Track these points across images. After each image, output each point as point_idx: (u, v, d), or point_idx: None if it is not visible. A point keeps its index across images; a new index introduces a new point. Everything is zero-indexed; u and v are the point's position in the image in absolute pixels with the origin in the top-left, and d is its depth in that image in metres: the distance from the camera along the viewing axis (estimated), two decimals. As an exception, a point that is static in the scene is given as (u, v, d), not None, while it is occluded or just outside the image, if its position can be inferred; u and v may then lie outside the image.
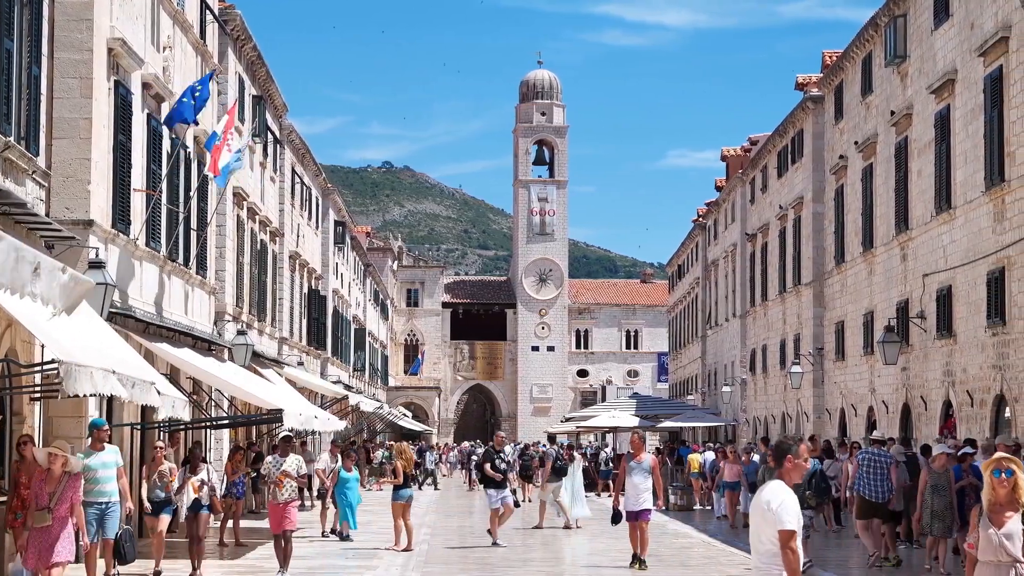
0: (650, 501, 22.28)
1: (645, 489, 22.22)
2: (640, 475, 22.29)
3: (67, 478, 15.14)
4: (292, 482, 20.76)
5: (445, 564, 23.69)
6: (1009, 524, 10.86)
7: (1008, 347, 26.42)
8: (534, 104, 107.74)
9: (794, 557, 8.93)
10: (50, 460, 15.13)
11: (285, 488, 20.71)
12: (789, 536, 8.94)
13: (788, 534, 8.93)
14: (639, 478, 22.26)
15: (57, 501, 14.97)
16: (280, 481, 20.74)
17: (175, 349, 24.70)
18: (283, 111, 43.81)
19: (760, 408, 53.89)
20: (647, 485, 22.26)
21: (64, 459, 15.15)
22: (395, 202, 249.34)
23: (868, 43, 37.28)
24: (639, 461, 22.48)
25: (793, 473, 9.20)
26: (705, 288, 70.79)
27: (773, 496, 9.10)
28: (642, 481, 22.24)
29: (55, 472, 15.09)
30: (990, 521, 10.95)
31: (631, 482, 22.32)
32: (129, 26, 23.17)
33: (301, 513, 23.81)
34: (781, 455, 9.29)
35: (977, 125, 28.36)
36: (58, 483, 15.07)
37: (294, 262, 46.33)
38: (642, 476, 22.28)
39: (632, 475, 22.34)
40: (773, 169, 51.37)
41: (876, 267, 36.65)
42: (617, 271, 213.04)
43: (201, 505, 20.33)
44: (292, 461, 21.06)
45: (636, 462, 22.47)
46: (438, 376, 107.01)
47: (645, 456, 22.80)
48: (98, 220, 21.36)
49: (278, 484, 20.79)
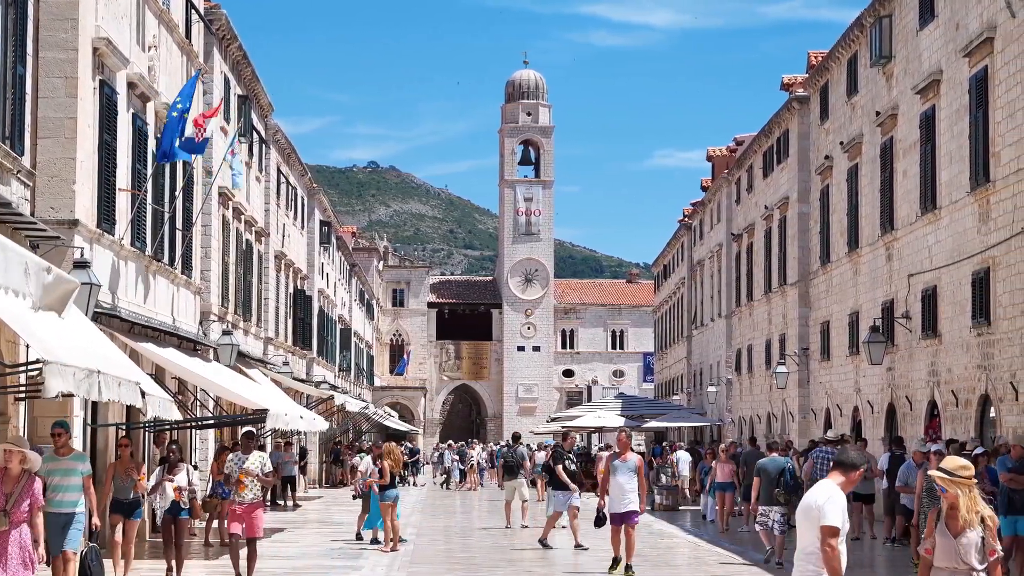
0: (636, 503, 21.41)
1: (631, 490, 21.33)
2: (625, 475, 21.37)
3: (26, 477, 13.60)
4: (256, 482, 19.55)
5: (431, 564, 23.69)
6: (968, 532, 10.61)
7: (993, 347, 26.47)
8: (520, 104, 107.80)
9: (833, 554, 8.83)
10: (6, 457, 13.62)
11: (248, 489, 19.45)
12: (830, 532, 8.86)
13: (829, 529, 8.85)
14: (624, 478, 21.36)
15: (14, 503, 13.40)
16: (241, 481, 19.46)
17: (160, 349, 24.67)
18: (269, 111, 43.77)
19: (746, 408, 53.93)
20: (633, 486, 21.35)
21: (22, 455, 13.66)
22: (381, 202, 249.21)
23: (853, 43, 37.33)
24: (624, 460, 21.54)
25: (848, 485, 9.16)
26: (691, 288, 70.84)
27: (821, 494, 9.04)
28: (627, 481, 21.34)
29: (12, 471, 13.57)
30: (947, 527, 10.72)
31: (616, 482, 21.41)
32: (114, 25, 23.14)
33: (285, 514, 23.75)
34: (850, 468, 9.24)
35: (962, 126, 28.40)
36: (16, 482, 13.54)
37: (280, 262, 46.30)
38: (627, 476, 21.37)
39: (617, 475, 21.41)
40: (759, 169, 51.41)
41: (861, 267, 36.70)
42: (603, 271, 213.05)
43: (181, 509, 19.65)
44: (255, 459, 19.71)
45: (621, 461, 21.52)
46: (424, 376, 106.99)
47: (631, 455, 21.82)
48: (83, 220, 21.33)
49: (239, 485, 19.51)
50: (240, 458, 19.64)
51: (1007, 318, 25.68)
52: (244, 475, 19.42)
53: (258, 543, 19.90)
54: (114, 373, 13.86)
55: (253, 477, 19.48)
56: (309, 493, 49.52)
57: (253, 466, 19.45)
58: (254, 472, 19.47)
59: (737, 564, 23.76)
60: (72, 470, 16.30)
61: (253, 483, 19.46)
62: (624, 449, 21.86)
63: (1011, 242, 25.41)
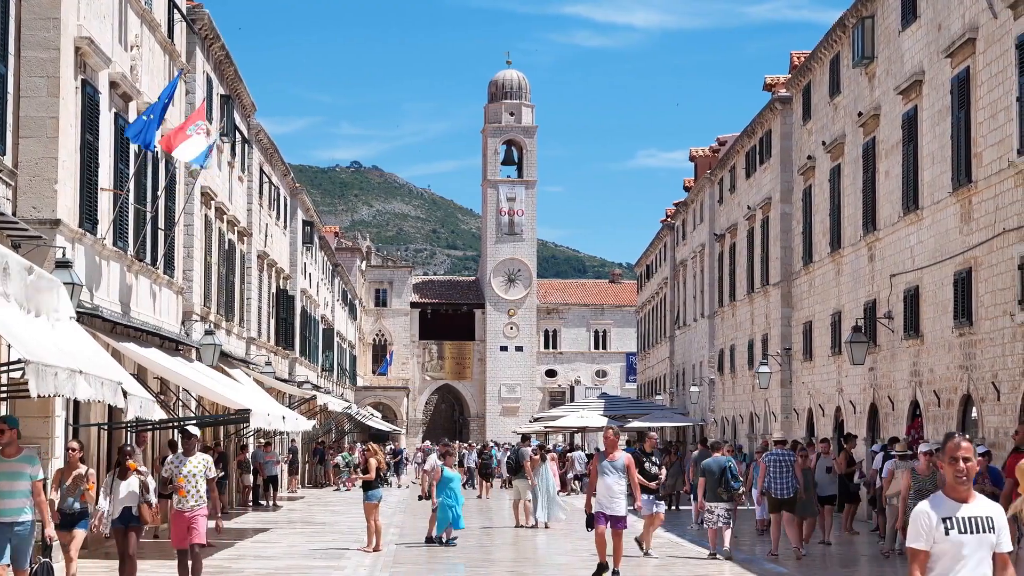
0: (624, 506, 20.16)
1: (620, 492, 20.09)
2: (614, 476, 20.11)
3: None
4: (201, 486, 17.72)
5: (413, 564, 23.66)
6: None
7: (975, 347, 26.52)
8: (503, 104, 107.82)
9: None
10: None
11: (189, 494, 17.67)
12: (909, 554, 8.09)
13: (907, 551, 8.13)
14: (612, 479, 20.09)
15: None
16: (181, 485, 17.69)
17: (142, 349, 24.62)
18: (251, 111, 43.70)
19: (728, 408, 53.99)
20: (622, 487, 20.13)
21: None
22: (363, 202, 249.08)
23: (836, 44, 37.38)
24: (612, 460, 20.26)
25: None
26: (673, 288, 70.89)
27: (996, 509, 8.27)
28: (616, 482, 20.08)
29: None
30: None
31: (604, 483, 20.12)
32: (96, 25, 23.08)
33: (268, 514, 23.66)
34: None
35: (944, 126, 28.46)
36: None
37: (262, 262, 46.23)
38: (616, 477, 20.09)
39: (605, 476, 20.15)
40: (741, 169, 51.48)
41: (844, 267, 36.75)
42: (586, 271, 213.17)
43: (132, 517, 17.48)
44: (198, 462, 17.92)
45: (609, 461, 20.25)
46: (406, 376, 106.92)
47: (619, 454, 20.52)
48: (65, 219, 21.28)
49: (177, 490, 17.74)
50: (180, 460, 17.94)
51: (989, 318, 25.73)
52: (182, 480, 17.71)
53: (239, 545, 19.70)
54: (96, 373, 13.82)
55: (196, 481, 17.70)
56: (297, 492, 49.48)
57: (196, 469, 17.74)
58: (199, 476, 17.74)
59: (719, 562, 23.77)
60: (18, 473, 14.45)
61: (196, 487, 17.70)
62: (612, 448, 20.55)
63: (993, 242, 25.46)
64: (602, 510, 20.05)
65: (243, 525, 32.57)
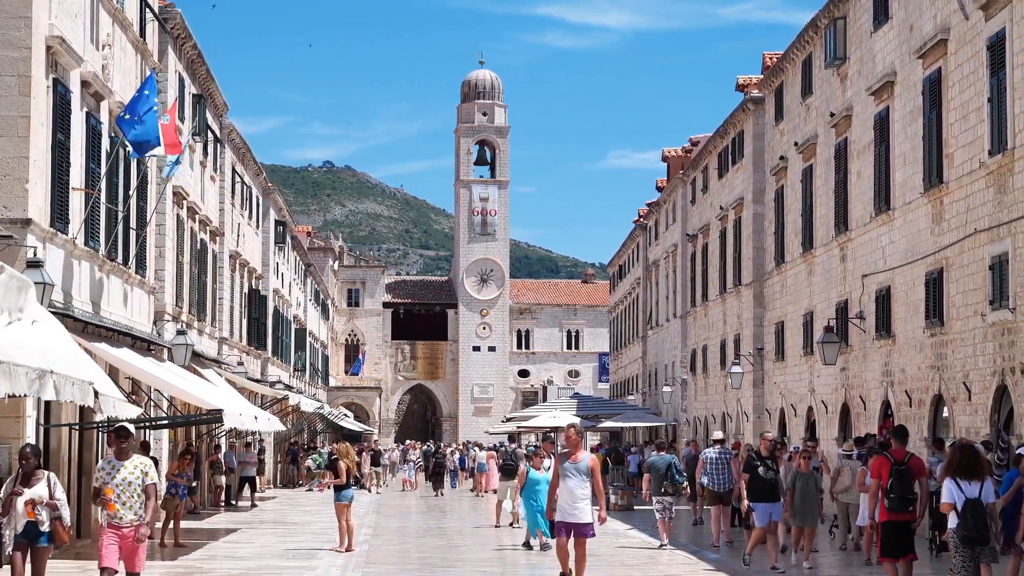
0: (589, 512, 18.17)
1: (583, 497, 18.10)
2: (576, 479, 18.12)
3: None
4: (137, 497, 14.53)
5: (385, 564, 23.64)
6: None
7: (946, 347, 26.62)
8: (476, 104, 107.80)
9: None
10: None
11: (126, 505, 14.50)
12: None
13: None
14: (575, 483, 18.09)
15: None
16: (109, 498, 14.44)
17: (114, 349, 24.53)
18: (224, 110, 43.59)
19: (700, 408, 54.08)
20: (585, 491, 18.13)
21: None
22: (336, 202, 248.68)
23: (808, 45, 37.48)
24: (575, 461, 18.19)
25: None
26: (646, 288, 70.96)
27: None
28: (579, 486, 18.09)
29: None
30: None
31: (566, 487, 18.11)
32: (68, 24, 23.00)
33: (240, 515, 23.54)
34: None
35: (916, 127, 28.56)
36: None
37: (234, 262, 46.12)
38: (579, 480, 18.11)
39: (567, 479, 18.13)
40: (714, 170, 51.56)
41: (816, 268, 36.85)
42: (558, 271, 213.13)
43: (40, 532, 14.58)
44: (134, 467, 14.62)
45: (572, 462, 18.20)
46: (379, 376, 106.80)
47: (583, 455, 18.35)
48: (36, 219, 21.20)
49: (106, 503, 14.50)
50: (114, 466, 14.65)
51: (960, 319, 25.83)
52: (110, 492, 14.53)
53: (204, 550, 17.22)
54: (67, 373, 13.77)
55: (132, 491, 14.58)
56: (266, 493, 49.37)
57: (131, 476, 14.51)
58: (136, 486, 14.58)
59: (689, 564, 23.81)
60: None
61: (132, 498, 14.49)
62: (575, 448, 18.40)
63: (964, 243, 25.57)
64: (564, 518, 18.16)
65: (215, 525, 32.50)
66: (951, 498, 15.61)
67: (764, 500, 22.37)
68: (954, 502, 15.57)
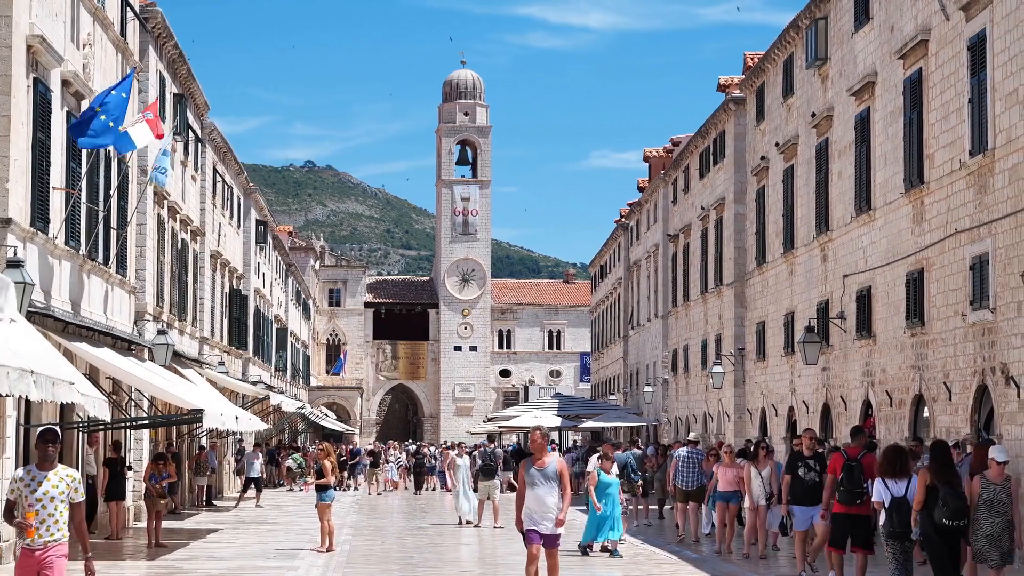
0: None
1: (553, 504, 16.31)
2: (544, 486, 16.32)
3: None
4: (62, 513, 12.07)
5: (366, 564, 23.62)
6: None
7: (927, 348, 26.68)
8: (457, 104, 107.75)
9: None
10: None
11: (45, 524, 12.01)
12: None
13: None
14: (543, 490, 16.31)
15: None
16: (30, 523, 11.95)
17: (94, 349, 24.49)
18: (205, 110, 43.53)
19: (682, 408, 54.11)
20: (554, 499, 16.32)
21: None
22: (317, 201, 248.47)
23: (789, 45, 37.53)
24: (542, 467, 16.42)
25: None
26: (627, 288, 71.00)
27: None
28: (547, 493, 16.31)
29: None
30: None
31: (533, 495, 16.30)
32: (49, 23, 22.95)
33: (220, 515, 23.47)
34: None
35: (897, 127, 28.61)
36: None
37: (215, 261, 46.05)
38: (547, 487, 16.31)
39: (534, 486, 16.33)
40: (695, 170, 51.60)
41: (797, 268, 36.90)
42: (540, 271, 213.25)
43: None
44: (59, 480, 12.19)
45: (538, 468, 16.42)
46: (360, 376, 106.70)
47: (550, 459, 16.56)
48: (16, 219, 21.14)
49: (25, 529, 12.00)
50: (33, 476, 12.20)
51: (941, 319, 25.88)
52: (30, 515, 12.00)
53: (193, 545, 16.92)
54: (48, 373, 13.73)
55: (54, 507, 12.11)
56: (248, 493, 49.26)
57: (55, 491, 12.10)
58: (63, 501, 12.15)
59: (673, 563, 23.82)
60: None
61: (52, 515, 12.03)
62: (540, 452, 16.58)
63: (945, 243, 25.62)
64: (534, 527, 16.32)
65: (196, 525, 32.46)
66: (879, 496, 17.02)
67: (804, 503, 21.15)
68: (882, 500, 16.97)
